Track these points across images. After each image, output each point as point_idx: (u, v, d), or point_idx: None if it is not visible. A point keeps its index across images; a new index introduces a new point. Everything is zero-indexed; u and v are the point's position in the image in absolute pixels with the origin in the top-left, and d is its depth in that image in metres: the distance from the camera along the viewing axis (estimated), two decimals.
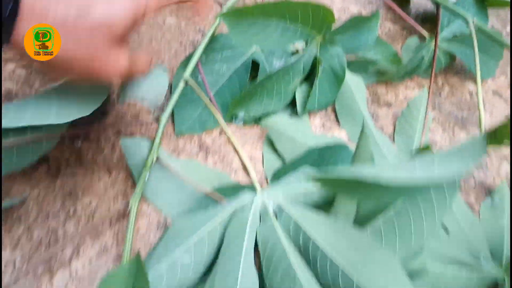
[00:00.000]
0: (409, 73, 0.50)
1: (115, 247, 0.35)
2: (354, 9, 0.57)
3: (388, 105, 0.49)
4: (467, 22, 0.47)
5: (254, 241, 0.26)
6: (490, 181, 0.44)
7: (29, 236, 0.35)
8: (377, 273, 0.22)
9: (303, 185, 0.29)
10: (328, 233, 0.24)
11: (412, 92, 0.51)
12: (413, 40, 0.54)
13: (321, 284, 0.23)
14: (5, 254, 0.34)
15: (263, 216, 0.28)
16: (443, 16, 0.51)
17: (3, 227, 0.35)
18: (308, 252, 0.24)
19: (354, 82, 0.45)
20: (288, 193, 0.29)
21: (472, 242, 0.32)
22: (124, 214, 0.37)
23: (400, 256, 0.25)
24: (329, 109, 0.47)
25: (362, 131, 0.28)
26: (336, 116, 0.46)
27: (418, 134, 0.44)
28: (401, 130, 0.45)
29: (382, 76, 0.49)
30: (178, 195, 0.35)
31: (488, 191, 0.42)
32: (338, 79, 0.43)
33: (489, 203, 0.39)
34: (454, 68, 0.54)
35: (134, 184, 0.38)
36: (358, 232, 0.24)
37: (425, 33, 0.53)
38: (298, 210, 0.27)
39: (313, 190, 0.28)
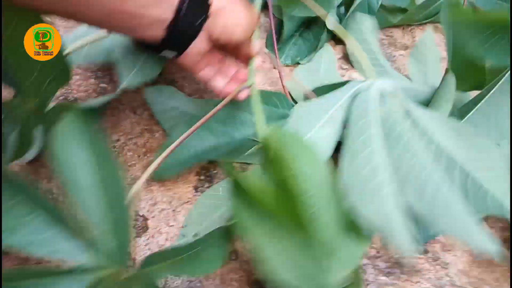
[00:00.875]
0: (426, 17, 0.50)
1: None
2: None
3: (405, 48, 0.49)
4: None
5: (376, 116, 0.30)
6: None
7: None
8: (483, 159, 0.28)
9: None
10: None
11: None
12: None
13: None
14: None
15: (380, 98, 0.31)
16: None
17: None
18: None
19: (366, 24, 0.45)
20: (395, 85, 0.33)
21: None
22: (151, 149, 0.39)
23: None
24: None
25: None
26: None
27: (431, 72, 0.44)
28: (413, 69, 0.45)
29: (396, 18, 0.49)
30: None
31: None
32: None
33: None
34: None
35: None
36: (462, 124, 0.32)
37: None
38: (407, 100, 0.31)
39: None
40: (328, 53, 0.44)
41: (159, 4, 0.26)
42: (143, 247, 0.34)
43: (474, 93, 0.36)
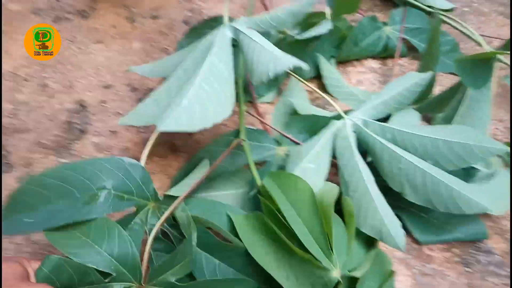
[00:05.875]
0: (363, 53, 0.54)
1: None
2: None
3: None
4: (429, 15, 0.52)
5: (356, 145, 0.36)
6: None
7: None
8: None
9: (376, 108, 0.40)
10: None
11: (363, 75, 0.53)
12: (367, 20, 0.53)
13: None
14: None
15: (358, 128, 0.37)
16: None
17: None
18: (397, 141, 0.36)
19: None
20: (368, 114, 0.39)
21: None
22: None
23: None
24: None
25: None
26: None
27: None
28: None
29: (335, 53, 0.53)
30: None
31: None
32: None
33: None
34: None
35: None
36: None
37: (380, 16, 0.55)
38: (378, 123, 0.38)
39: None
40: (297, 87, 0.48)
41: None
42: None
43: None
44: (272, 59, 0.33)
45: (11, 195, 0.29)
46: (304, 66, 0.32)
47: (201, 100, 0.31)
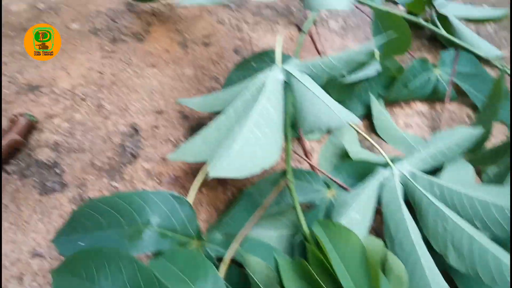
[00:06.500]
0: (411, 95, 0.53)
1: None
2: None
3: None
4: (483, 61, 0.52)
5: (403, 198, 0.36)
6: None
7: None
8: None
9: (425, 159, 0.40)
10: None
11: (411, 118, 0.53)
12: (418, 63, 0.53)
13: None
14: None
15: (405, 180, 0.37)
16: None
17: None
18: (446, 199, 0.35)
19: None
20: (416, 165, 0.39)
21: None
22: None
23: None
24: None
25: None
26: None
27: None
28: None
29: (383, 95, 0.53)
30: None
31: None
32: None
33: None
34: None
35: None
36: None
37: (428, 57, 0.55)
38: (427, 177, 0.37)
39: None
40: (348, 129, 0.48)
41: None
42: None
43: None
44: (326, 112, 0.34)
45: (72, 215, 0.30)
46: (358, 121, 0.33)
47: (251, 145, 0.32)
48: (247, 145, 0.31)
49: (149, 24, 0.57)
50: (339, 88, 0.45)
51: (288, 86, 0.38)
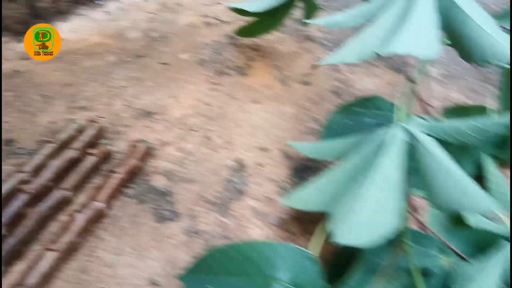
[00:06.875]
0: None
1: None
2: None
3: None
4: None
5: None
6: None
7: None
8: None
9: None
10: None
11: None
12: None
13: None
14: None
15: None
16: None
17: None
18: None
19: None
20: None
21: None
22: None
23: None
24: None
25: None
26: None
27: None
28: None
29: None
30: None
31: None
32: None
33: None
34: None
35: None
36: None
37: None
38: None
39: None
40: None
41: None
42: None
43: None
44: (459, 192, 0.32)
45: (202, 257, 0.32)
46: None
47: (375, 211, 0.31)
48: (372, 211, 0.31)
49: (251, 59, 0.60)
50: (452, 145, 0.44)
51: (411, 147, 0.37)
